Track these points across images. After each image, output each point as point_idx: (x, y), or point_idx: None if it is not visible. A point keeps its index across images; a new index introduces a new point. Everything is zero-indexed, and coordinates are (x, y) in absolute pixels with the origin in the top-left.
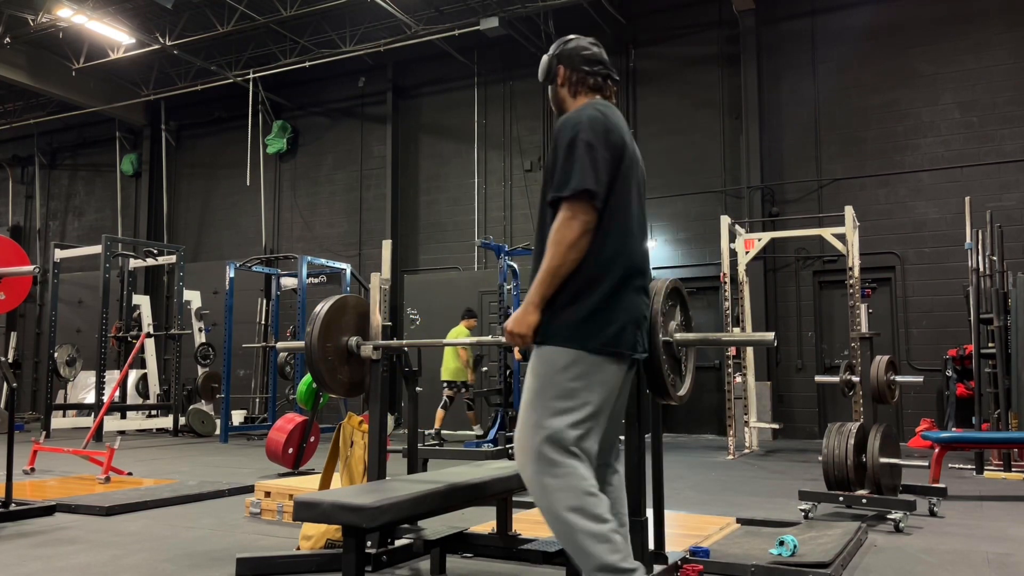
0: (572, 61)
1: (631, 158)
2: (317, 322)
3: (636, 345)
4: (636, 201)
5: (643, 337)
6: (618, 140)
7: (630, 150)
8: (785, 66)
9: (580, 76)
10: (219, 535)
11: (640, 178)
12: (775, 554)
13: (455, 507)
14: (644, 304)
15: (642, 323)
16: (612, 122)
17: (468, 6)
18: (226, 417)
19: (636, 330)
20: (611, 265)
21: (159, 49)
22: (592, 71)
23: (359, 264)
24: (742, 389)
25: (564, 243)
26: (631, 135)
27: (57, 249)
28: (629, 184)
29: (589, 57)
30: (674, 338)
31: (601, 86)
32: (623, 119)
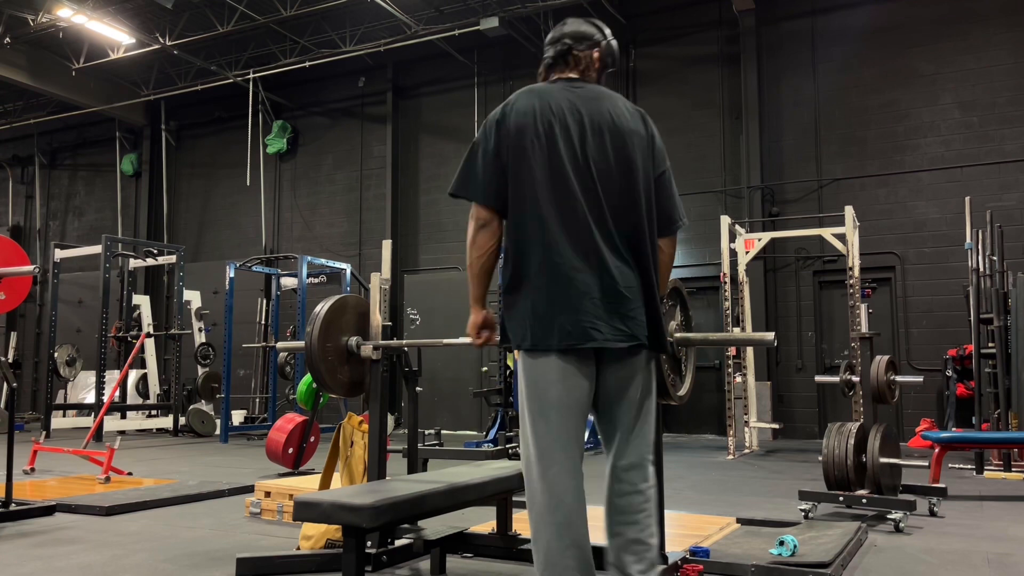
0: (545, 50)
1: (542, 144)
2: (317, 322)
3: (579, 335)
4: (556, 180)
5: (599, 323)
6: (510, 127)
7: (534, 131)
8: (785, 66)
9: (545, 64)
10: (219, 535)
11: (579, 151)
12: (775, 554)
13: (455, 507)
14: (584, 288)
15: (585, 310)
16: (512, 108)
17: (468, 6)
18: (226, 417)
19: (576, 319)
20: (523, 257)
21: (159, 49)
22: (552, 53)
23: (359, 264)
24: (742, 389)
25: (468, 243)
26: (566, 115)
27: (57, 249)
28: (530, 170)
29: (552, 39)
30: (674, 338)
31: (556, 64)
32: (560, 97)
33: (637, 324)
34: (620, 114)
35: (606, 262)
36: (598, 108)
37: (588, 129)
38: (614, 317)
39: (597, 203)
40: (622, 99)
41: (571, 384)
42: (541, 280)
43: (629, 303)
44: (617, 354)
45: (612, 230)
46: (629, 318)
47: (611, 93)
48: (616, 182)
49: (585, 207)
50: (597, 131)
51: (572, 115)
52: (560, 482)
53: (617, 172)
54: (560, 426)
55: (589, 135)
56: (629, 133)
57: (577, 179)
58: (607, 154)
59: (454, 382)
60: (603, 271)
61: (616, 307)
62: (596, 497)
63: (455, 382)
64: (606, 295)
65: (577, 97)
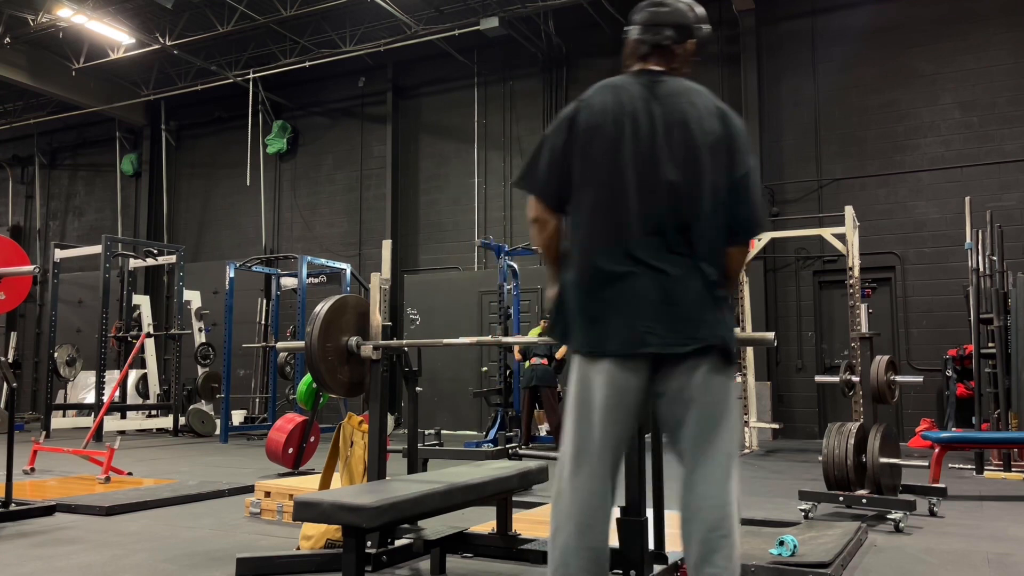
0: (631, 30)
1: (603, 143)
2: (317, 322)
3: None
4: (621, 180)
5: (654, 328)
6: (582, 125)
7: (603, 133)
8: (785, 66)
9: (631, 49)
10: (219, 535)
11: (647, 152)
12: (775, 554)
13: (455, 507)
14: (639, 293)
15: (638, 315)
16: (586, 104)
17: (468, 6)
18: (226, 417)
19: (628, 323)
20: (581, 258)
21: (159, 49)
22: (648, 43)
23: (359, 264)
24: (742, 389)
25: (531, 232)
26: (639, 113)
27: (57, 249)
28: (600, 168)
29: (646, 21)
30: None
31: (644, 54)
32: (635, 93)
33: (694, 330)
34: (697, 113)
35: (665, 267)
36: (675, 106)
37: (660, 129)
38: (669, 323)
39: (660, 206)
40: (706, 95)
41: (618, 389)
42: (597, 283)
43: (687, 309)
44: (674, 360)
45: (674, 235)
46: (686, 324)
47: (694, 88)
48: (682, 185)
49: (647, 210)
50: (668, 131)
51: (645, 114)
52: (587, 485)
53: (684, 175)
54: (601, 430)
55: (660, 136)
56: (703, 134)
57: (643, 182)
58: (676, 156)
59: (454, 382)
60: (662, 276)
61: (673, 313)
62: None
63: (455, 382)
64: (662, 301)
65: (655, 94)
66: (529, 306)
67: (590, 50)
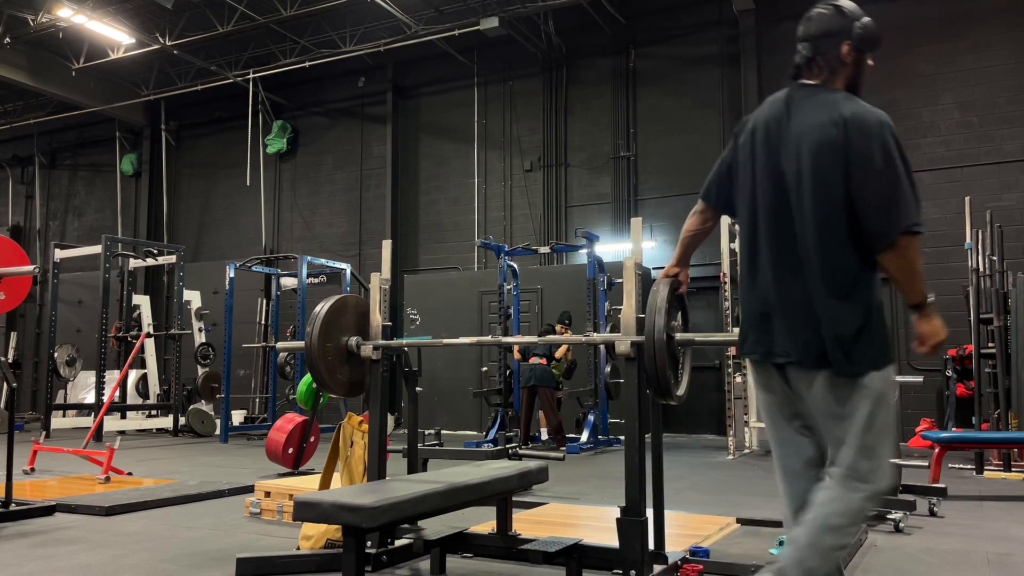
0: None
1: (747, 154)
2: (317, 322)
3: (752, 347)
4: (750, 191)
5: (769, 338)
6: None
7: (749, 144)
8: (785, 66)
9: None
10: (219, 535)
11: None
12: (775, 554)
13: (455, 507)
14: (758, 304)
15: (756, 324)
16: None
17: (468, 6)
18: (226, 417)
19: (752, 332)
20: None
21: (159, 49)
22: (796, 59)
23: (359, 264)
24: (742, 389)
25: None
26: (771, 126)
27: (57, 249)
28: (742, 176)
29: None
30: (676, 337)
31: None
32: (779, 107)
33: (801, 340)
34: (813, 125)
35: (779, 277)
36: (800, 119)
37: (784, 142)
38: (782, 333)
39: (780, 218)
40: (832, 106)
41: (763, 390)
42: (741, 292)
43: (795, 321)
44: (796, 369)
45: (792, 245)
46: (794, 335)
47: (824, 99)
48: (795, 198)
49: (769, 222)
50: (789, 145)
51: (776, 126)
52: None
53: (797, 188)
54: (768, 426)
55: (784, 148)
56: (815, 145)
57: (769, 192)
58: (791, 169)
59: (454, 382)
60: (774, 286)
61: (769, 321)
62: (593, 498)
63: (455, 382)
64: (775, 311)
65: (794, 107)
66: (529, 306)
67: (590, 50)
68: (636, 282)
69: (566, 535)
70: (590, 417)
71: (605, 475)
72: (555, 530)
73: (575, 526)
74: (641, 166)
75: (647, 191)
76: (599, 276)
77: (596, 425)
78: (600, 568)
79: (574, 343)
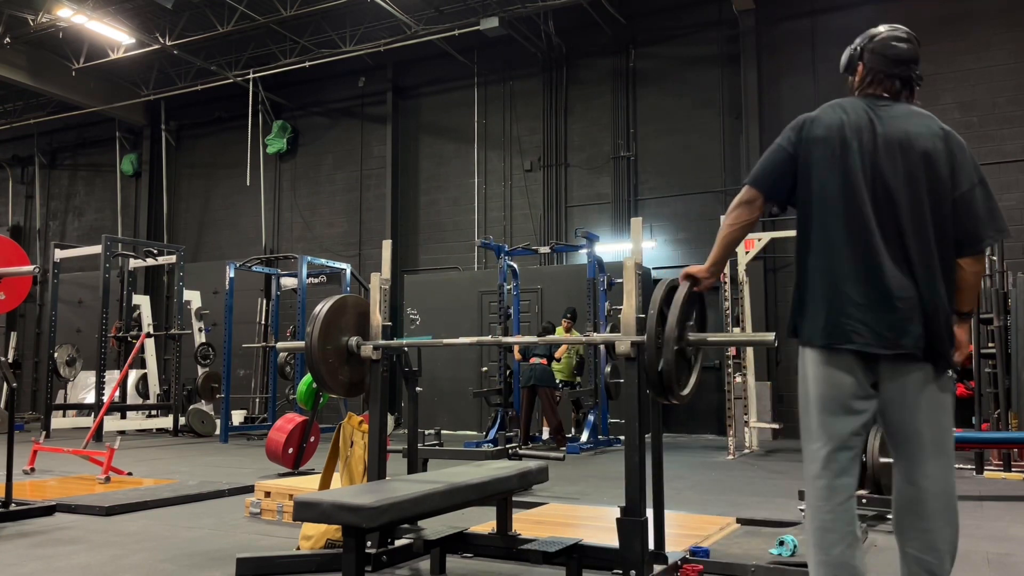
0: (862, 53)
1: (828, 156)
2: (317, 322)
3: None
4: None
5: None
6: (809, 138)
7: (828, 148)
8: (785, 66)
9: (867, 76)
10: (219, 535)
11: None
12: (775, 554)
13: (455, 507)
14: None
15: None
16: (818, 119)
17: (468, 6)
18: (226, 417)
19: (838, 320)
20: (805, 257)
21: (159, 49)
22: (898, 77)
23: (359, 264)
24: (742, 389)
25: (726, 214)
26: (864, 132)
27: (57, 249)
28: (828, 179)
29: (896, 57)
30: (688, 337)
31: (879, 82)
32: (861, 114)
33: (907, 334)
34: (915, 132)
35: (883, 271)
36: (897, 127)
37: (880, 148)
38: (881, 324)
39: (882, 216)
40: (928, 119)
41: (834, 382)
42: (816, 279)
43: (900, 312)
44: (890, 362)
45: (895, 242)
46: (898, 327)
47: (917, 112)
48: (904, 197)
49: (870, 218)
50: (888, 149)
51: (868, 134)
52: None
53: (905, 188)
54: (817, 418)
55: (882, 153)
56: (921, 150)
57: (866, 192)
58: (897, 171)
59: (454, 382)
60: (877, 279)
61: (885, 315)
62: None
63: (455, 382)
64: (876, 302)
65: (879, 116)
66: (529, 306)
67: (590, 50)
68: (636, 282)
69: (566, 535)
70: (590, 417)
71: (605, 475)
72: (555, 530)
73: (575, 526)
74: (641, 166)
75: (647, 191)
76: (599, 276)
77: (596, 425)
78: (600, 568)
79: (574, 343)
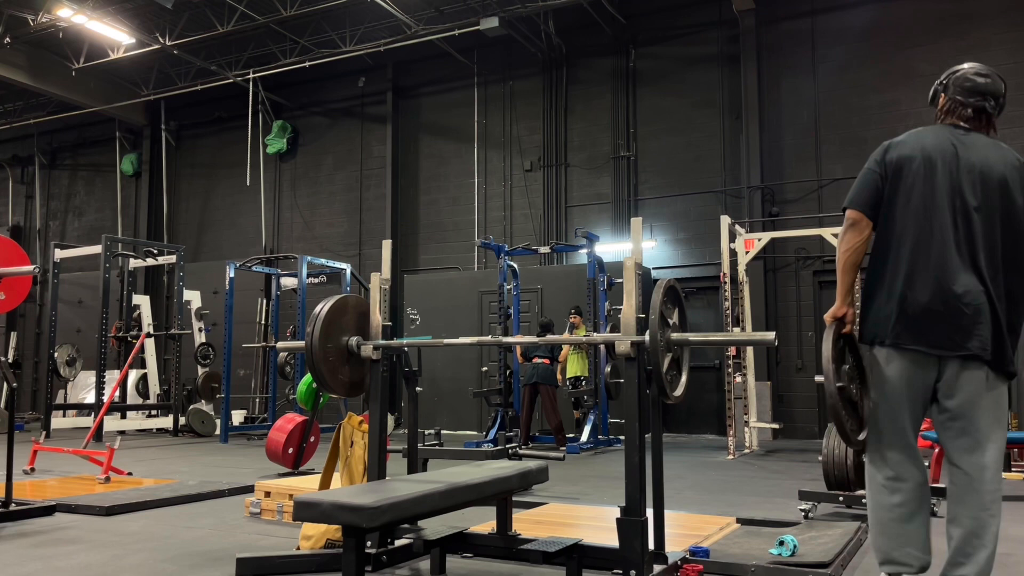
0: (948, 87)
1: (914, 172)
2: (317, 322)
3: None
4: (925, 206)
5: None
6: (895, 159)
7: (914, 166)
8: (785, 66)
9: (949, 106)
10: (219, 535)
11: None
12: (775, 554)
13: (455, 507)
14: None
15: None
16: (904, 143)
17: (468, 6)
18: (226, 417)
19: (912, 323)
20: (883, 265)
21: (159, 49)
22: (972, 105)
23: (359, 264)
24: (742, 389)
25: (838, 242)
26: (947, 156)
27: (57, 249)
28: (909, 195)
29: (972, 88)
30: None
31: (958, 111)
32: (944, 140)
33: (974, 340)
34: (993, 160)
35: (956, 280)
36: (975, 154)
37: (962, 170)
38: (950, 329)
39: (961, 231)
40: (1006, 151)
41: (901, 377)
42: (894, 282)
43: (969, 319)
44: (955, 364)
45: (971, 255)
46: (966, 332)
47: (995, 144)
48: (982, 215)
49: (950, 233)
50: (969, 172)
51: (952, 157)
52: (889, 455)
53: (983, 207)
54: (888, 410)
55: (963, 174)
56: (998, 176)
57: (948, 209)
58: (976, 192)
59: (454, 382)
60: (950, 287)
61: (954, 321)
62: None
63: (455, 382)
64: (948, 308)
65: (960, 143)
66: (529, 306)
67: (590, 50)
68: (636, 282)
69: (566, 535)
70: (590, 417)
71: (605, 475)
72: (555, 530)
73: (575, 526)
74: (641, 166)
75: (647, 191)
76: (599, 276)
77: (596, 425)
78: (600, 568)
79: (574, 343)
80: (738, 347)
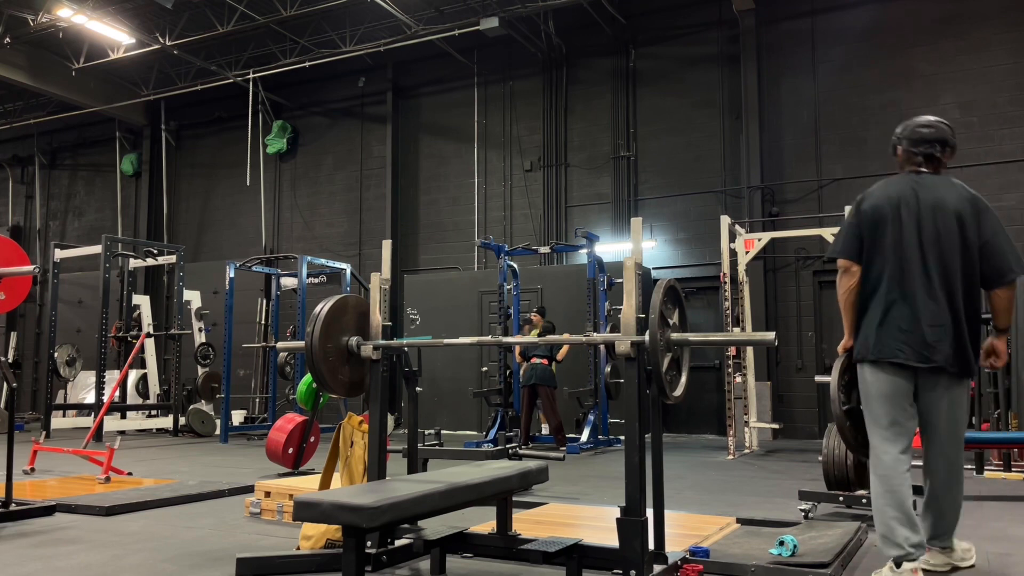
0: (901, 140)
1: (883, 218)
2: (317, 322)
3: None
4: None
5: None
6: (867, 208)
7: (884, 212)
8: (785, 66)
9: (904, 157)
10: (219, 535)
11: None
12: (775, 554)
13: (455, 507)
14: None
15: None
16: (872, 194)
17: (468, 6)
18: (226, 417)
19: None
20: (869, 295)
21: (159, 49)
22: (920, 153)
23: (359, 264)
24: (742, 389)
25: (837, 286)
26: (909, 199)
27: (57, 249)
28: (882, 237)
29: (920, 138)
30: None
31: (915, 161)
32: (905, 187)
33: (938, 352)
34: (949, 199)
35: (924, 306)
36: (933, 195)
37: (923, 209)
38: (919, 344)
39: (929, 261)
40: (959, 188)
41: (885, 385)
42: (875, 311)
43: (934, 337)
44: (924, 373)
45: (935, 281)
46: (930, 346)
47: (950, 181)
48: (942, 247)
49: (918, 265)
50: (929, 211)
51: (913, 200)
52: (883, 448)
53: (944, 240)
54: (879, 412)
55: (924, 213)
56: (953, 212)
57: (915, 246)
58: (936, 227)
59: (454, 382)
60: (918, 309)
61: (922, 336)
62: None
63: (455, 382)
64: (917, 327)
65: (919, 186)
66: (529, 306)
67: (590, 50)
68: (636, 282)
69: (566, 535)
70: (590, 417)
71: (605, 475)
72: (555, 530)
73: (575, 526)
74: (641, 166)
75: (647, 191)
76: (599, 276)
77: (596, 425)
78: (600, 568)
79: (574, 343)
80: (738, 347)
